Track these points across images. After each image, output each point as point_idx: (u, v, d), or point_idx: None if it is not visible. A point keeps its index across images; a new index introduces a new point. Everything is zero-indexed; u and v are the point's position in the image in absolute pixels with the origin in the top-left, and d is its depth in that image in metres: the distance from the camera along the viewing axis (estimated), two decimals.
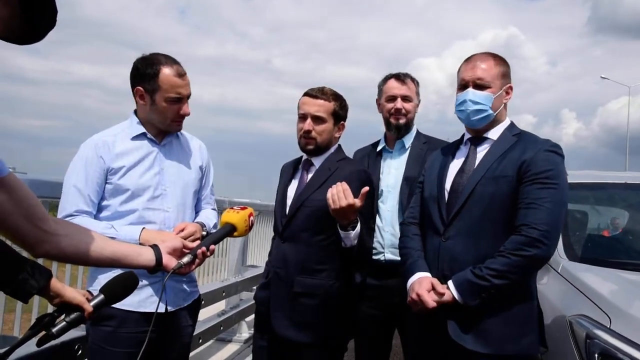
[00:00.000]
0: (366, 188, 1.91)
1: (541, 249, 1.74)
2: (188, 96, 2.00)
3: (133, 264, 1.43)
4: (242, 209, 1.81)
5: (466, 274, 1.79)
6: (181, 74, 1.95)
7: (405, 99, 2.62)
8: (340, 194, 1.89)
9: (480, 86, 1.93)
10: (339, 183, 1.92)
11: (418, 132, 2.71)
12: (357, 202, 1.89)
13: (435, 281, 1.86)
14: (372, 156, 2.74)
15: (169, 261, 1.49)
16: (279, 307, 2.14)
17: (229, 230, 1.77)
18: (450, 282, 1.82)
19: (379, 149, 2.73)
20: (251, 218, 1.82)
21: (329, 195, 1.92)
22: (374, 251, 2.56)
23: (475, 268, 1.78)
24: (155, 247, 1.48)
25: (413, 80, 2.68)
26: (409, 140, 2.66)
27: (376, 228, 2.58)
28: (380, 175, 2.65)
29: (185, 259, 1.53)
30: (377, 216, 2.59)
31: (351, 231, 1.96)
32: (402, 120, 2.61)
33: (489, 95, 1.92)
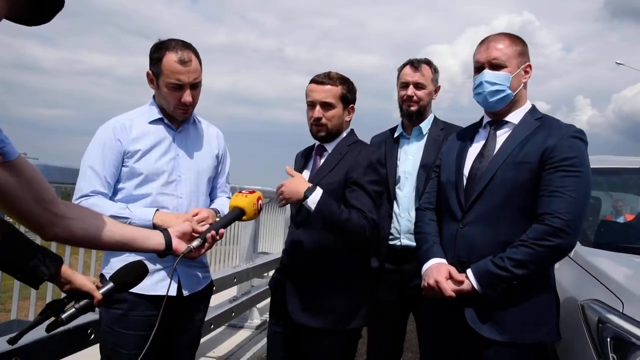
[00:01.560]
0: (287, 168, 2.12)
1: (564, 238, 1.71)
2: (193, 84, 1.96)
3: (142, 248, 1.43)
4: (251, 192, 1.80)
5: (486, 264, 1.76)
6: (184, 61, 1.91)
7: (418, 86, 2.61)
8: (278, 193, 2.07)
9: (496, 66, 1.89)
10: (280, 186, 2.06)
11: (436, 119, 2.70)
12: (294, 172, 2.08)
13: (453, 269, 1.84)
14: (389, 142, 2.74)
15: (179, 245, 1.49)
16: (295, 293, 2.14)
17: (238, 214, 1.77)
18: (469, 272, 1.79)
19: (396, 135, 2.73)
20: (260, 202, 1.81)
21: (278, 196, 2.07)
22: (391, 237, 2.58)
23: (496, 258, 1.75)
24: (164, 231, 1.49)
25: (430, 66, 2.66)
26: (426, 126, 2.66)
27: (393, 214, 2.59)
28: (397, 162, 2.65)
29: (195, 243, 1.53)
30: (394, 202, 2.60)
31: (307, 199, 2.01)
32: (413, 108, 2.61)
33: (506, 74, 1.88)
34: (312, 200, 1.98)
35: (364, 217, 2.03)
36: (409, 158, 2.63)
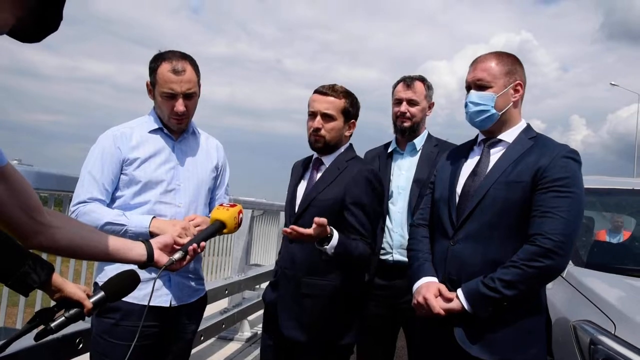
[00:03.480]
0: (321, 220, 1.86)
1: (555, 260, 1.69)
2: (186, 94, 1.97)
3: (124, 259, 1.42)
4: (232, 206, 1.79)
5: (477, 285, 1.75)
6: (177, 70, 1.93)
7: (411, 102, 2.64)
8: (295, 236, 1.88)
9: (480, 87, 1.91)
10: (290, 229, 1.88)
11: (429, 135, 2.72)
12: (310, 231, 1.86)
13: (443, 287, 1.84)
14: (382, 157, 2.75)
15: (160, 257, 1.48)
16: (286, 308, 2.13)
17: (219, 228, 1.75)
18: (459, 292, 1.78)
19: (390, 150, 2.75)
20: (240, 215, 1.80)
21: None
22: (383, 251, 2.58)
23: (486, 279, 1.74)
24: (146, 243, 1.48)
25: (424, 83, 2.69)
26: (420, 142, 2.68)
27: (385, 229, 2.59)
28: (391, 177, 2.66)
29: (177, 255, 1.52)
30: (387, 217, 2.61)
31: (326, 246, 1.93)
32: (407, 124, 2.64)
33: (489, 95, 1.89)
34: (331, 246, 1.93)
35: (367, 244, 2.05)
36: (402, 173, 2.65)
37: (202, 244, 1.64)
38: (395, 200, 2.62)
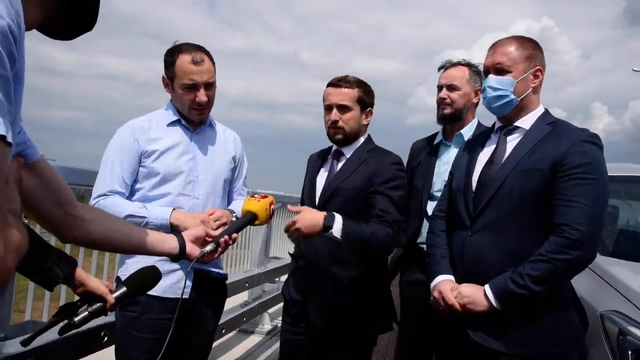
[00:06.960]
0: (289, 206, 2.05)
1: (583, 251, 1.63)
2: (207, 84, 1.99)
3: (157, 252, 1.43)
4: (263, 197, 1.78)
5: (506, 282, 1.68)
6: (196, 61, 1.95)
7: (451, 87, 2.52)
8: (291, 231, 1.91)
9: (500, 71, 1.85)
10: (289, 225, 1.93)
11: (479, 124, 2.56)
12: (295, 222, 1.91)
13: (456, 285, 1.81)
14: (427, 149, 2.64)
15: (192, 249, 1.48)
16: (309, 299, 2.13)
17: (250, 219, 1.75)
18: (487, 290, 1.71)
19: (436, 142, 2.63)
20: (272, 206, 1.79)
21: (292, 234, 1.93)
22: (423, 246, 2.46)
23: (514, 275, 1.67)
24: (179, 235, 1.48)
25: (470, 67, 2.54)
26: (468, 132, 2.53)
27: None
28: (436, 170, 2.56)
29: (209, 247, 1.52)
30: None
31: (331, 231, 1.91)
32: (447, 110, 2.51)
33: (509, 79, 1.83)
34: (337, 229, 1.91)
35: (384, 222, 2.00)
36: (448, 166, 2.48)
37: (234, 235, 1.64)
38: (439, 194, 2.47)
